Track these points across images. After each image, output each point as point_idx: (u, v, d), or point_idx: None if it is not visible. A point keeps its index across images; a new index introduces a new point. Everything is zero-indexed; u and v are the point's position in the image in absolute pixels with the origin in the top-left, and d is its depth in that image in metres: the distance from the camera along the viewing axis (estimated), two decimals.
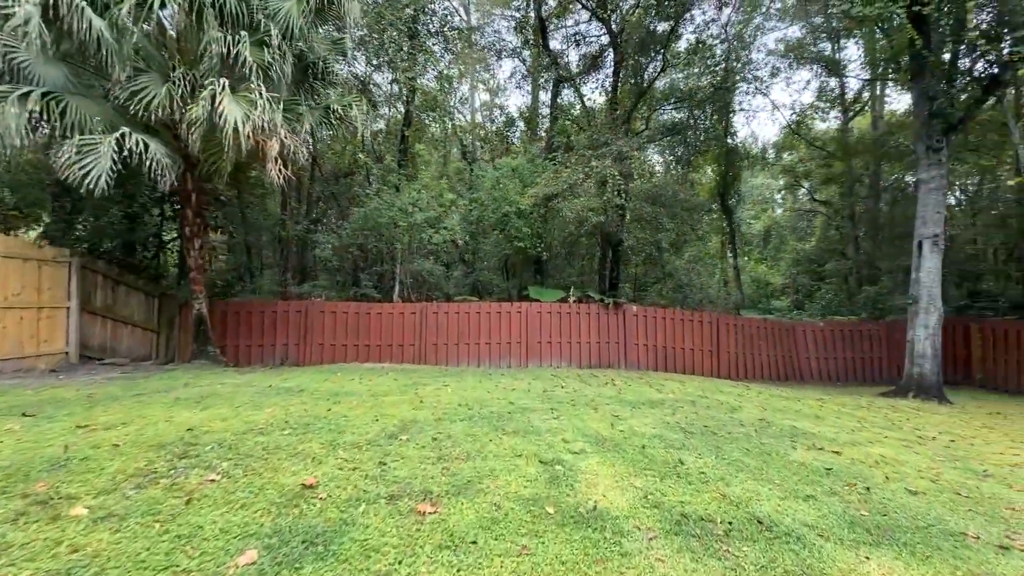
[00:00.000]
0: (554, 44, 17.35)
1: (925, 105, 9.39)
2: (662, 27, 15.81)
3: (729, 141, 18.07)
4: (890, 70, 18.57)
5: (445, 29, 14.73)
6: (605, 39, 15.65)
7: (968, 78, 9.23)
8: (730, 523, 2.60)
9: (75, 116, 6.83)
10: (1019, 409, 9.18)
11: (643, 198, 12.81)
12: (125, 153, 6.71)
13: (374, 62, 13.21)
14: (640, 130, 15.89)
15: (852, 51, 21.14)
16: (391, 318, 11.18)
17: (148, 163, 6.87)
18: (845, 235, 23.04)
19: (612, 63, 15.05)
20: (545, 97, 19.10)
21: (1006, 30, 8.38)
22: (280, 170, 7.61)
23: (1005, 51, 8.01)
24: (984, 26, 8.81)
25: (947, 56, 9.41)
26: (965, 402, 9.62)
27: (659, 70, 16.87)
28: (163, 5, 7.47)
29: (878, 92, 21.25)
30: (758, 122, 53.21)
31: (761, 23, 18.88)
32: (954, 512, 2.98)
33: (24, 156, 9.37)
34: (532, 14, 16.56)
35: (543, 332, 11.68)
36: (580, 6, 15.86)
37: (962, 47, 9.49)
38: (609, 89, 15.12)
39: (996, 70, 8.88)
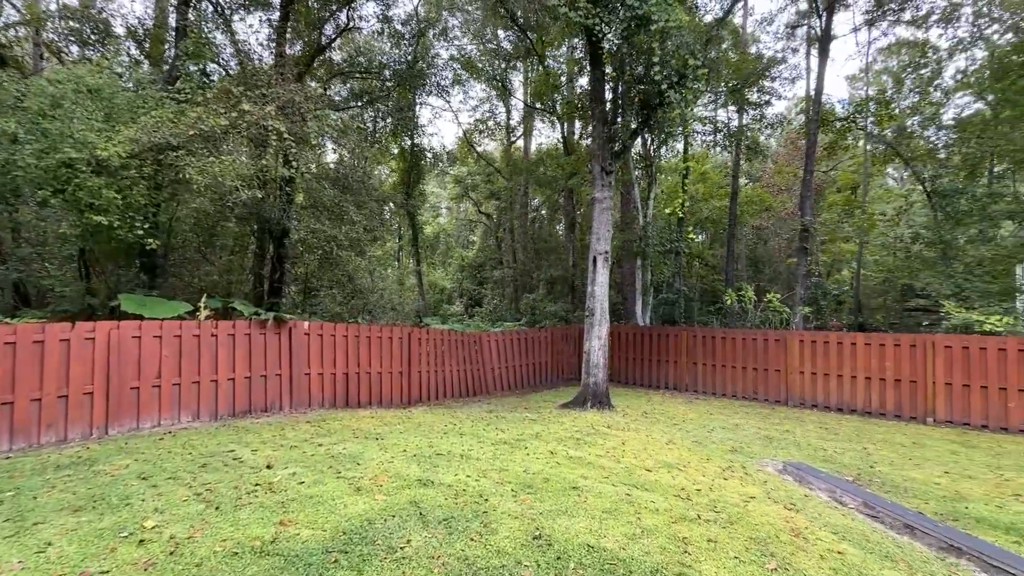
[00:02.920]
0: None
1: (603, 129, 9.94)
2: None
3: (416, 137, 16.77)
4: (539, 105, 21.36)
5: None
6: None
7: (631, 109, 10.26)
8: None
9: None
10: (649, 404, 10.75)
11: (324, 177, 9.59)
12: None
13: None
14: (319, 94, 12.50)
15: (519, 89, 23.59)
16: None
17: None
18: (505, 246, 25.65)
19: None
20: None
21: (655, 74, 9.36)
22: None
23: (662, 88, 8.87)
24: (640, 69, 9.77)
25: (617, 86, 10.25)
26: (617, 402, 10.67)
27: (341, 29, 13.93)
28: None
29: (533, 124, 24.41)
30: (441, 122, 56.53)
31: (445, 26, 18.43)
32: None
33: None
34: None
35: (148, 369, 6.96)
36: None
37: (621, 82, 10.51)
38: (277, 20, 11.14)
39: (646, 109, 10.06)
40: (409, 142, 17.01)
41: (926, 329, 13.83)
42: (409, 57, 15.27)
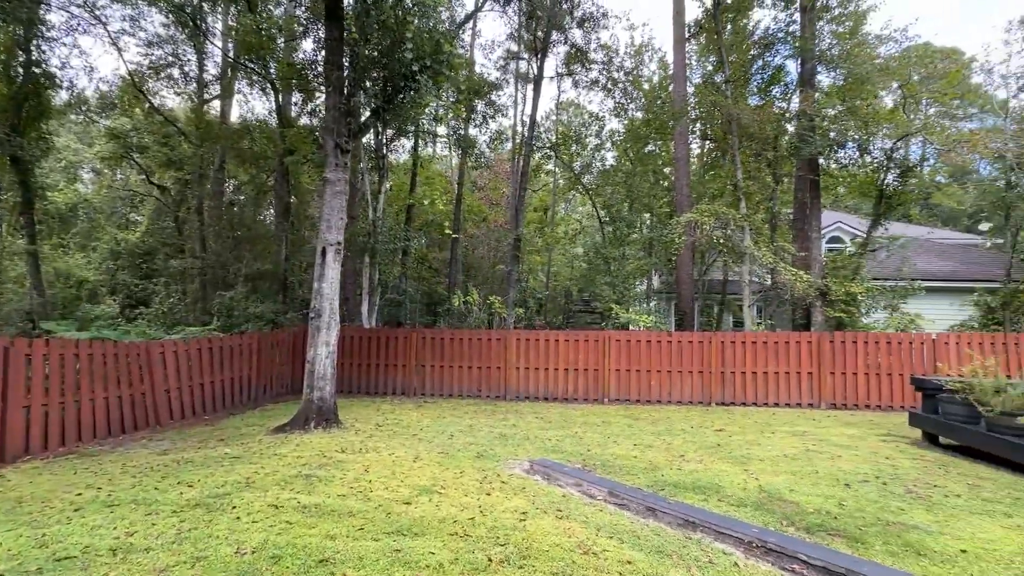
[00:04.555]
0: None
1: (339, 100, 8.49)
2: None
3: (36, 50, 11.02)
4: (249, 63, 17.68)
5: None
6: None
7: (368, 82, 9.10)
8: None
9: None
10: (380, 415, 9.80)
11: None
12: None
13: None
14: None
15: (220, 40, 18.72)
16: None
17: None
18: (191, 230, 20.14)
19: None
20: None
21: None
22: None
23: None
24: (388, 42, 8.87)
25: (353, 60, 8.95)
26: (344, 416, 9.33)
27: None
28: None
29: (237, 85, 19.96)
30: (94, 47, 39.67)
31: None
32: None
33: None
34: None
35: None
36: None
37: (365, 52, 9.34)
38: None
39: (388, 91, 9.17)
40: (23, 57, 11.12)
41: (596, 327, 17.50)
42: None
